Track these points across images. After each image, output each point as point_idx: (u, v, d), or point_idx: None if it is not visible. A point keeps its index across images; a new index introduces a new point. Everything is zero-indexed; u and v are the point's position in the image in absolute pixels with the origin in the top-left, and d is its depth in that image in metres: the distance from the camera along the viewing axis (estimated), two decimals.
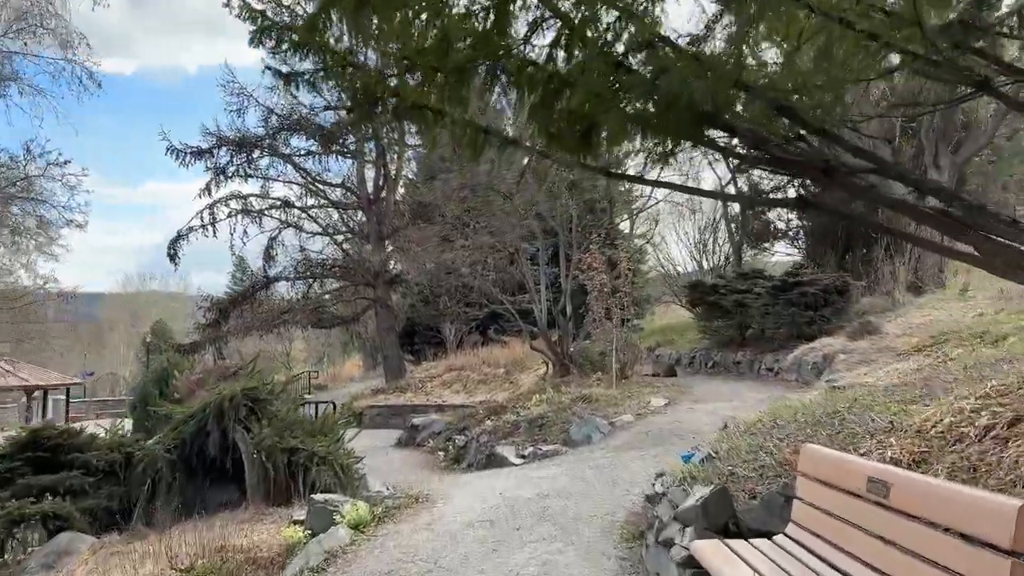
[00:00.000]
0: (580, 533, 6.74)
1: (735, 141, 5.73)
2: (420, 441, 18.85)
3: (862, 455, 5.17)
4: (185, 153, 25.41)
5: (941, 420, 5.19)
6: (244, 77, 57.58)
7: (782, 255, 24.61)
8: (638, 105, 4.91)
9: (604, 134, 5.62)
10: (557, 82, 5.35)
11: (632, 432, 11.06)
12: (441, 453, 15.99)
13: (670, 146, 5.62)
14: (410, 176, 35.36)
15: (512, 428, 13.43)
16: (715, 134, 5.62)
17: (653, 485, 6.92)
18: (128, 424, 23.69)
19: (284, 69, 6.20)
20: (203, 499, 9.44)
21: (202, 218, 25.92)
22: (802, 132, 5.31)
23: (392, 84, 6.26)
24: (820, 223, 20.33)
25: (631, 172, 12.59)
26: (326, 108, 25.28)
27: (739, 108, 4.96)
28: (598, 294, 15.80)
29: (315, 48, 5.79)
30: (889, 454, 4.99)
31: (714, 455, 6.50)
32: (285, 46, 5.35)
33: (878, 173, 5.40)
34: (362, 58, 6.48)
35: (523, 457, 11.31)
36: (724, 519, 5.08)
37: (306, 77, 6.02)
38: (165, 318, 57.76)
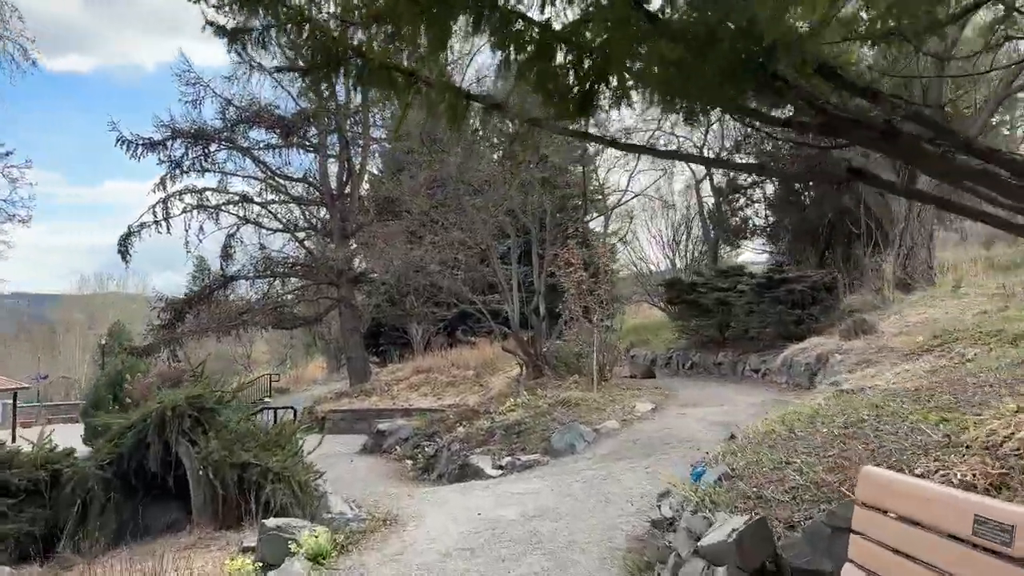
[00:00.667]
0: (576, 564, 5.84)
1: (773, 106, 4.90)
2: (387, 448, 17.84)
3: (920, 476, 4.36)
4: (136, 144, 24.08)
5: (1014, 434, 4.40)
6: (204, 73, 55.87)
7: (758, 251, 24.06)
8: (659, 54, 4.03)
9: (611, 90, 4.74)
10: (554, 36, 4.48)
11: (619, 440, 10.19)
12: (409, 461, 15.02)
13: (696, 107, 4.75)
14: (375, 171, 34.28)
15: (487, 435, 12.51)
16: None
17: (658, 507, 6.05)
18: (80, 430, 22.33)
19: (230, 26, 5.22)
20: (143, 521, 8.39)
21: (154, 213, 24.61)
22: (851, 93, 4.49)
23: (356, 43, 5.33)
24: (801, 218, 19.72)
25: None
26: (277, 70, 23.95)
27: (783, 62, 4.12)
28: (576, 292, 14.93)
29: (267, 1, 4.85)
30: (957, 476, 4.17)
31: (732, 472, 5.64)
32: None
33: (939, 140, 4.59)
34: (321, 14, 5.53)
35: (500, 468, 10.39)
36: (763, 557, 4.20)
37: (255, 35, 5.05)
38: (124, 320, 55.77)
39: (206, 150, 26.01)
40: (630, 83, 4.51)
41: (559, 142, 26.05)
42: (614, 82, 4.54)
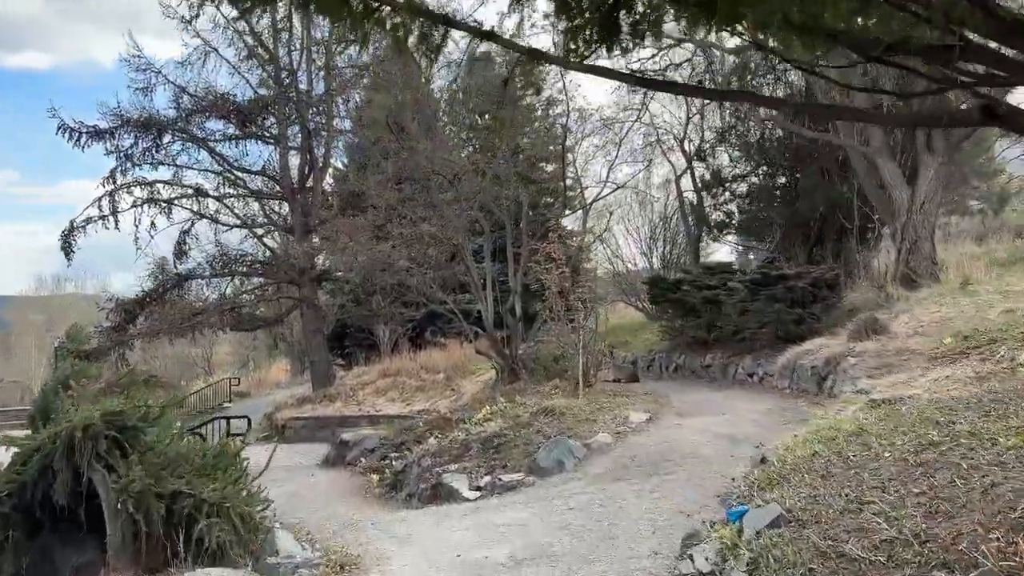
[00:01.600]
0: None
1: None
2: (351, 460, 16.40)
3: None
4: (80, 133, 22.36)
5: None
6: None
7: (741, 248, 22.97)
8: None
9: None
10: None
11: (613, 457, 8.95)
12: (375, 476, 13.64)
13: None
14: (340, 166, 32.76)
15: (462, 449, 11.20)
16: None
17: (688, 556, 4.79)
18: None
19: None
20: (51, 561, 6.99)
21: (100, 208, 22.88)
22: None
23: None
24: (792, 212, 18.68)
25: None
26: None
27: None
28: (558, 290, 13.68)
29: None
30: None
31: (789, 514, 4.39)
32: None
33: None
34: None
35: (479, 489, 9.09)
36: None
37: None
38: (83, 322, 53.40)
39: (158, 141, 24.33)
40: None
41: (537, 131, 24.85)
42: None
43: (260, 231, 25.80)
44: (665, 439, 9.28)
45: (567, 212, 19.66)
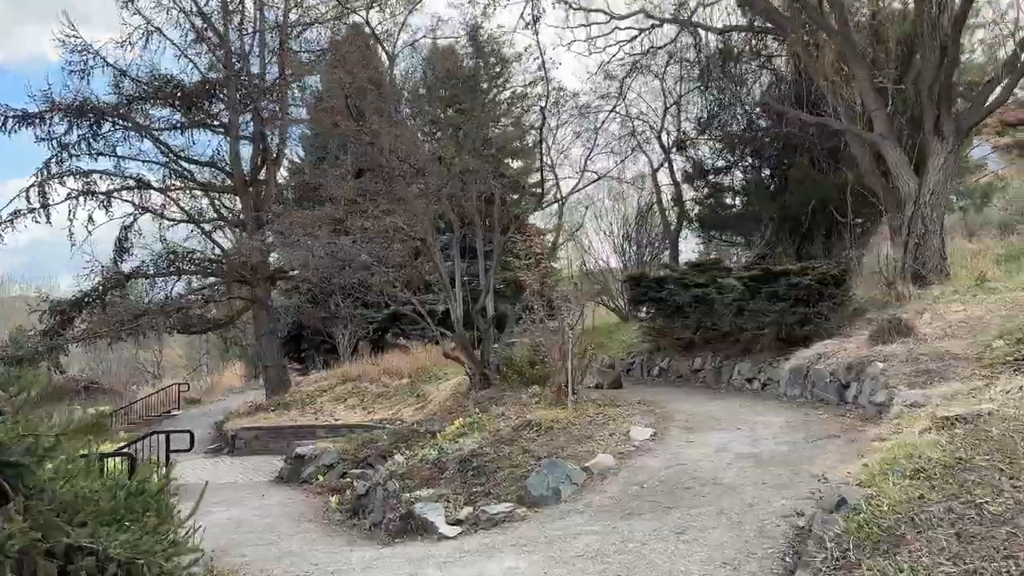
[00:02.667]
0: None
1: None
2: (307, 477, 14.82)
3: None
4: (5, 117, 20.38)
5: None
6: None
7: (724, 245, 21.78)
8: None
9: None
10: None
11: (620, 484, 7.56)
12: (334, 498, 12.10)
13: None
14: (297, 159, 31.06)
15: (434, 471, 9.73)
16: None
17: None
18: None
19: None
20: None
21: (28, 199, 20.91)
22: None
23: None
24: (781, 205, 17.53)
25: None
26: None
27: None
28: (540, 286, 12.28)
29: None
30: None
31: None
32: None
33: None
34: None
35: (458, 524, 7.64)
36: None
37: None
38: (28, 326, 50.47)
39: (96, 128, 22.42)
40: None
41: (507, 124, 23.47)
42: None
43: (209, 227, 23.97)
44: (677, 460, 7.91)
45: (544, 205, 18.25)
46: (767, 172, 18.35)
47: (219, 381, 47.05)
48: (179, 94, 21.67)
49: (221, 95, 22.66)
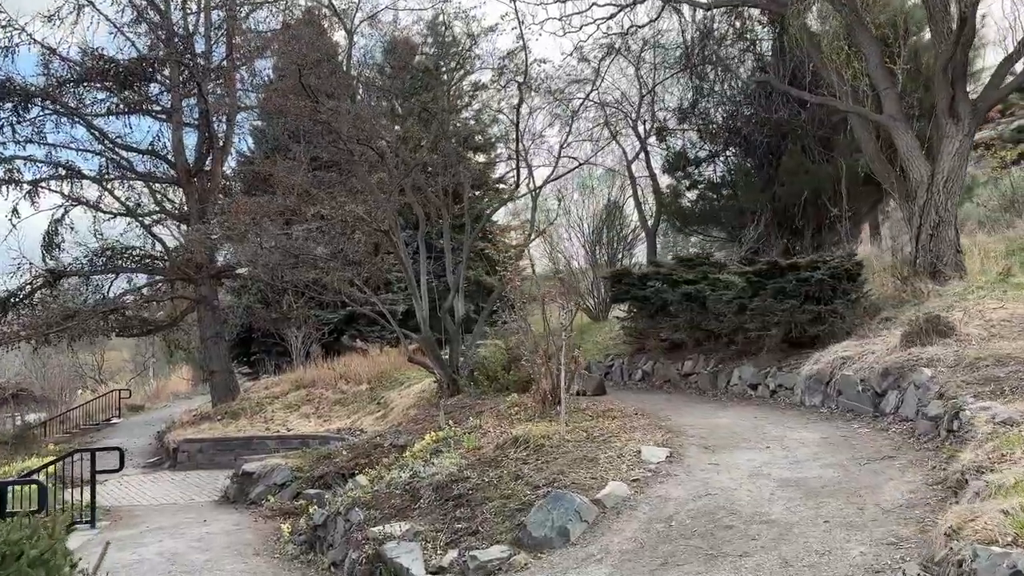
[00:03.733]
0: None
1: None
2: (255, 498, 13.20)
3: None
4: None
5: None
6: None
7: (707, 239, 20.57)
8: None
9: None
10: None
11: (641, 521, 6.15)
12: (286, 526, 10.52)
13: None
14: (247, 151, 29.04)
15: (406, 498, 8.22)
16: None
17: None
18: None
19: None
20: None
21: None
22: None
23: None
24: (772, 197, 16.36)
25: None
26: None
27: None
28: (520, 279, 10.86)
29: None
30: None
31: None
32: None
33: None
34: None
35: (441, 572, 6.18)
36: None
37: None
38: None
39: (21, 111, 20.42)
40: None
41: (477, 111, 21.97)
42: None
43: (149, 220, 22.03)
44: (706, 489, 6.54)
45: (518, 196, 16.81)
46: (753, 163, 17.14)
47: (165, 386, 44.83)
48: (113, 72, 19.72)
49: (162, 76, 20.82)
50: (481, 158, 27.18)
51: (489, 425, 10.45)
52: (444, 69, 19.60)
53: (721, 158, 18.34)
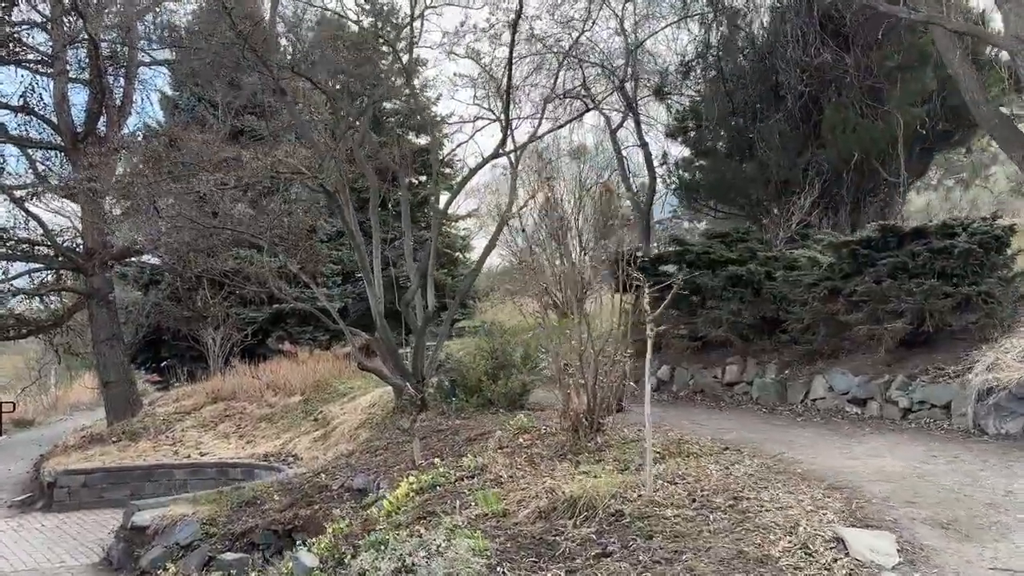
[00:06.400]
0: None
1: None
2: (149, 566, 9.33)
3: None
4: None
5: None
6: None
7: (712, 216, 17.49)
8: None
9: None
10: None
11: None
12: None
13: None
14: (155, 124, 24.61)
15: None
16: None
17: None
18: None
19: None
20: None
21: None
22: None
23: None
24: (812, 159, 13.33)
25: None
26: None
27: None
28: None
29: None
30: None
31: None
32: None
33: None
34: None
35: None
36: None
37: None
38: None
39: None
40: None
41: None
42: None
43: (23, 193, 17.66)
44: None
45: (501, 153, 13.31)
46: (786, 119, 13.97)
47: (66, 395, 39.59)
48: None
49: (37, 10, 16.58)
50: (424, 139, 23.76)
51: (500, 466, 6.98)
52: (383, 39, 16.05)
53: (737, 118, 15.11)
